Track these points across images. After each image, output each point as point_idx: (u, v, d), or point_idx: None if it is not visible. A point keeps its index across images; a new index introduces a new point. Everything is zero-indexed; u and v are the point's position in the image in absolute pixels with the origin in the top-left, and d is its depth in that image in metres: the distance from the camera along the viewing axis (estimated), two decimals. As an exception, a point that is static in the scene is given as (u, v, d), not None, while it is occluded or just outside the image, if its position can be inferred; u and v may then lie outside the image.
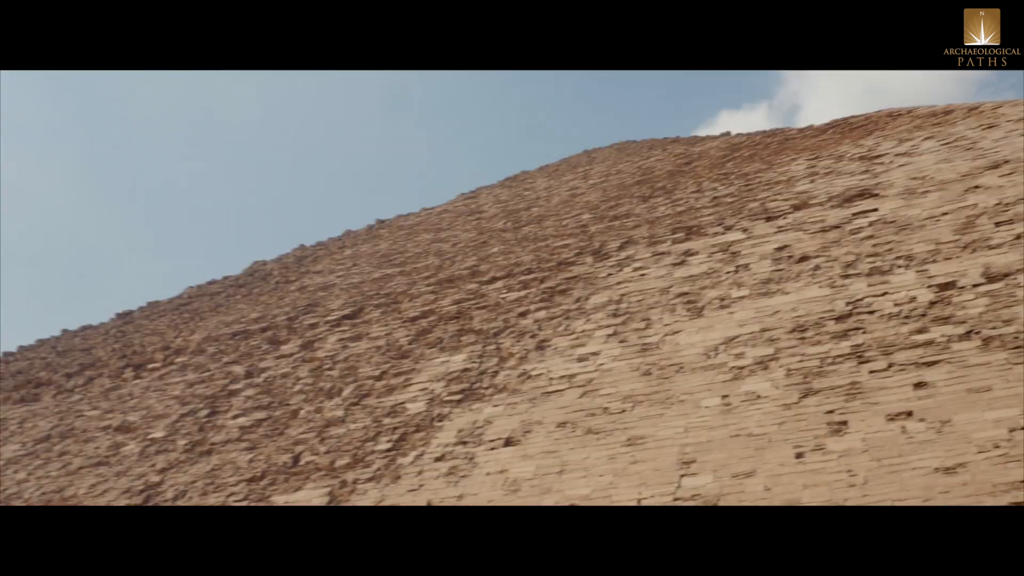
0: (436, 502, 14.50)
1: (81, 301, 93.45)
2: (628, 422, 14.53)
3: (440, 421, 16.74)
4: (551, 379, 16.64)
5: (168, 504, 17.49)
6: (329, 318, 23.64)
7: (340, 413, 18.45)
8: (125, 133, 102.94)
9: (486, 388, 17.23)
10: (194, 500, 17.28)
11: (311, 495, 16.09)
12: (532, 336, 18.48)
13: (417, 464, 15.72)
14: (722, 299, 16.96)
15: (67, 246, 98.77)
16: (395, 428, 17.08)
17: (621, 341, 16.93)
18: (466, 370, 18.19)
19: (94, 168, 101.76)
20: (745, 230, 19.34)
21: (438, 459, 15.62)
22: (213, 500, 17.00)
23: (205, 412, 20.78)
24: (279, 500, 16.29)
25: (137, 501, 17.91)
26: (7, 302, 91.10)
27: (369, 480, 15.81)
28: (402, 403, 17.92)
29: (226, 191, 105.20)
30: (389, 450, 16.45)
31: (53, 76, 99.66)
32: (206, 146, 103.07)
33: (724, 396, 14.16)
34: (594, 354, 16.88)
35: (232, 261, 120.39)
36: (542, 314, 19.29)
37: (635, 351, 16.44)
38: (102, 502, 18.33)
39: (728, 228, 19.79)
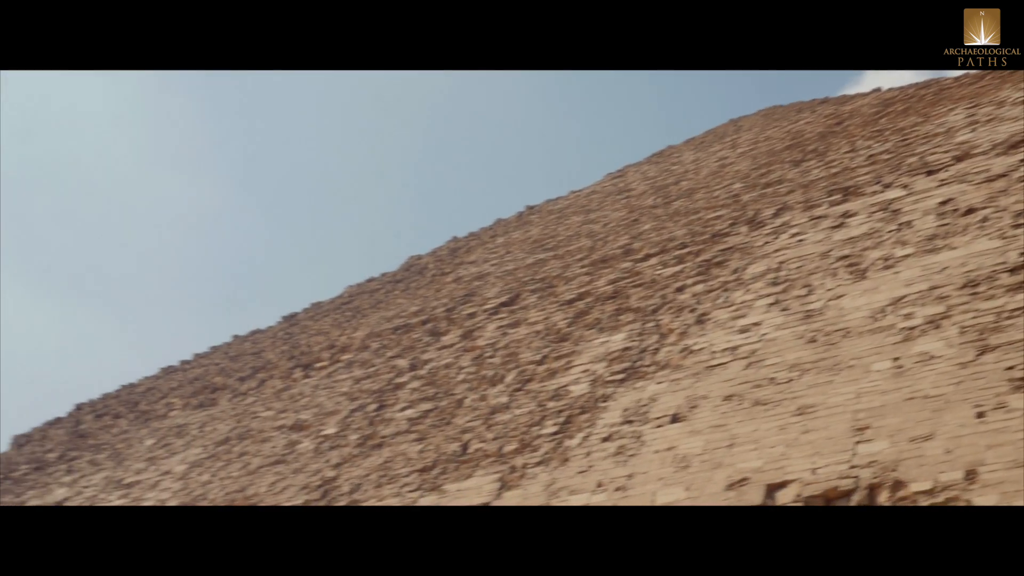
0: (606, 482, 14.49)
1: (248, 306, 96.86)
2: (796, 391, 14.22)
3: (604, 401, 16.71)
4: (714, 352, 16.42)
5: (344, 499, 17.96)
6: (487, 307, 23.88)
7: (505, 399, 18.61)
8: (280, 137, 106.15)
9: (648, 366, 17.13)
10: (369, 492, 17.70)
11: (482, 482, 16.28)
12: (691, 310, 18.27)
13: (584, 446, 15.73)
14: (886, 259, 16.43)
15: (233, 254, 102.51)
16: (560, 411, 17.13)
17: (783, 309, 16.59)
18: (627, 349, 18.11)
19: (250, 175, 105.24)
20: (905, 186, 18.71)
21: (605, 439, 15.59)
22: (387, 492, 17.39)
23: (374, 406, 21.26)
24: (451, 488, 16.55)
25: (315, 496, 18.45)
26: (185, 312, 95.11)
27: (538, 464, 15.90)
28: (565, 386, 17.96)
29: (379, 189, 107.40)
30: (556, 433, 16.52)
31: (206, 86, 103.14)
32: (356, 146, 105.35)
33: (895, 359, 13.71)
34: (756, 324, 16.58)
35: (388, 257, 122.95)
36: (700, 288, 19.06)
37: (798, 319, 16.08)
38: (283, 499, 18.95)
39: (887, 186, 19.17)
